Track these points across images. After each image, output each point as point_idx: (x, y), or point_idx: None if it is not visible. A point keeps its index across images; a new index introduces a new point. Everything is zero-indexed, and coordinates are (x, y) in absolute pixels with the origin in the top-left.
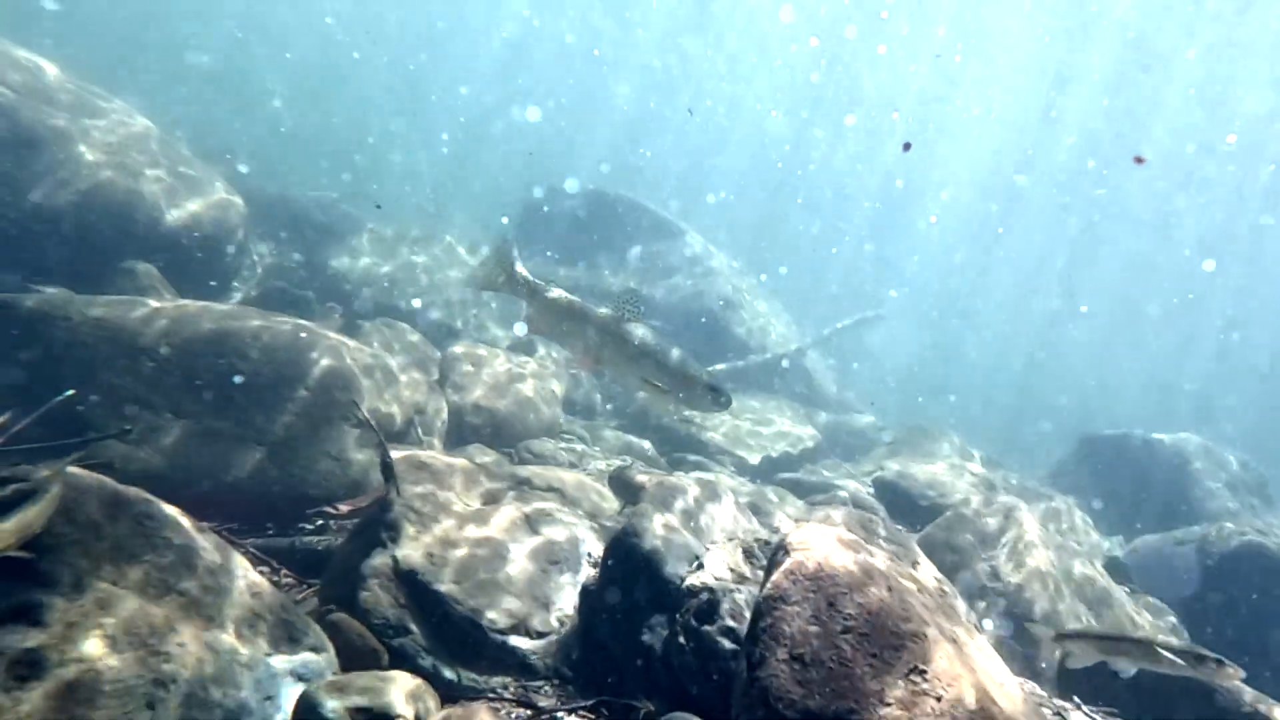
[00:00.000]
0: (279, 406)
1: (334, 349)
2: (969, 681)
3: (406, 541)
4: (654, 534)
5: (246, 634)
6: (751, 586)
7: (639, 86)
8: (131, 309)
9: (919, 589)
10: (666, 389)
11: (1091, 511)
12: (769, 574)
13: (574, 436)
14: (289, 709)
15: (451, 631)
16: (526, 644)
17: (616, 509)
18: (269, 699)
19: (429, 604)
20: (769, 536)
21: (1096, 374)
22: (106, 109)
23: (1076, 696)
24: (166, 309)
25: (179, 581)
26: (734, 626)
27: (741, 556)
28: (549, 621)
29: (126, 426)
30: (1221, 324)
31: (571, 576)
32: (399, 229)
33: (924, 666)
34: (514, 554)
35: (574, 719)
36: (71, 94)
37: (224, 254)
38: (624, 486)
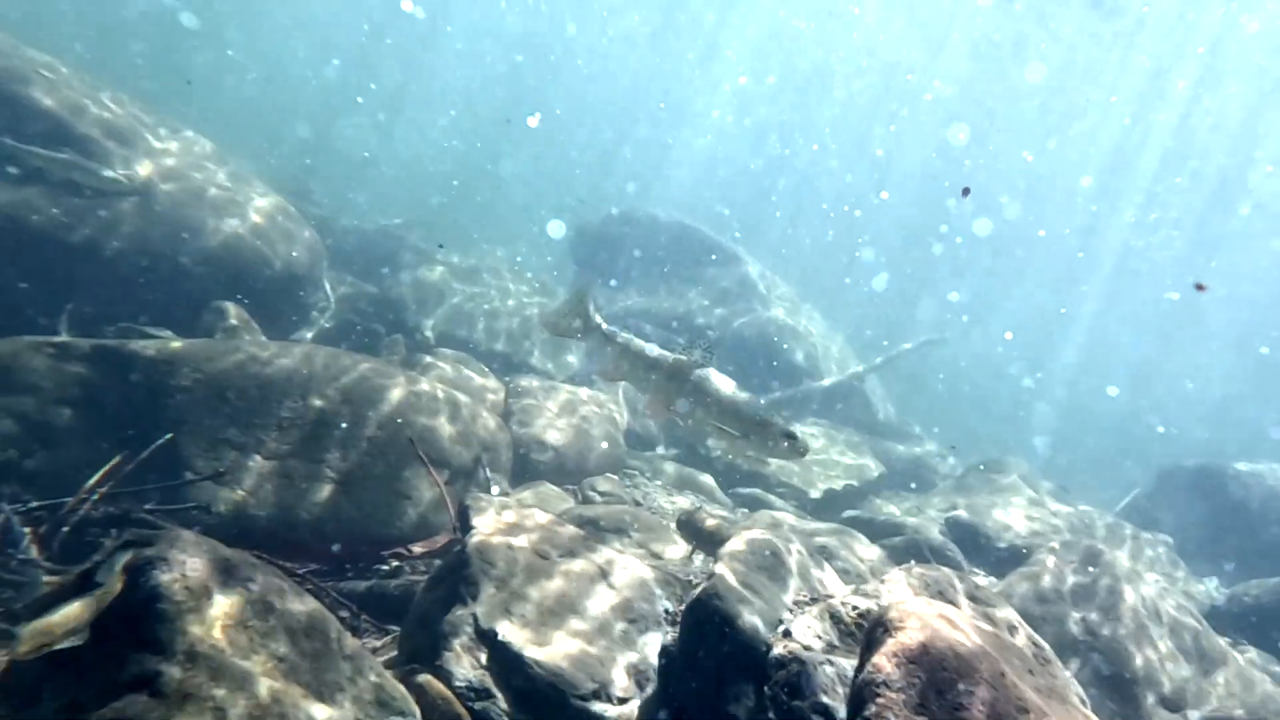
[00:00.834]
0: (354, 445)
1: (406, 387)
2: None
3: (486, 599)
4: (736, 595)
5: (341, 699)
6: (842, 658)
7: (709, 128)
8: (224, 351)
9: (1025, 666)
10: (740, 435)
11: (1180, 551)
12: (868, 652)
13: (636, 471)
14: None
15: (535, 697)
16: (610, 711)
17: (686, 553)
18: None
19: (511, 667)
20: (858, 601)
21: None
22: (201, 152)
23: None
24: (254, 350)
25: (281, 647)
26: (829, 704)
27: (830, 623)
28: (629, 686)
29: (220, 469)
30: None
31: (650, 636)
32: (462, 259)
33: None
34: (592, 611)
35: None
36: (169, 134)
37: (304, 290)
38: (695, 532)
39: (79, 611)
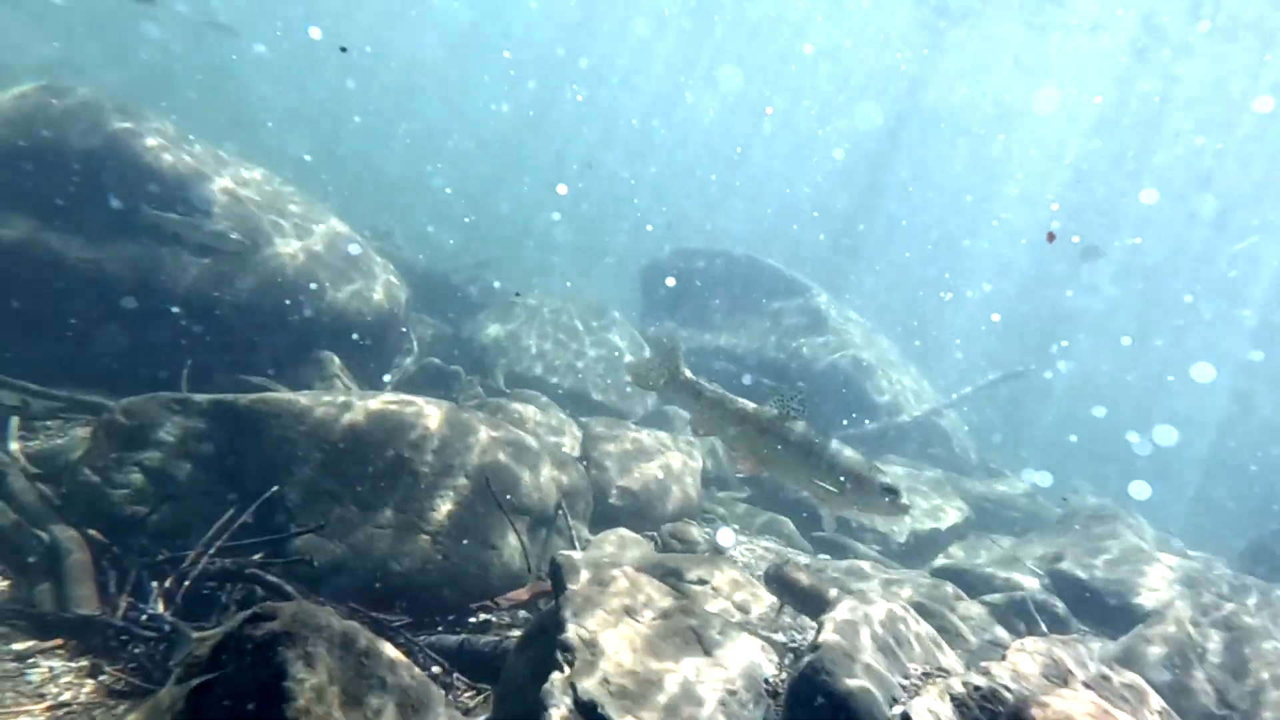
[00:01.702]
0: (441, 495)
1: (489, 434)
2: None
3: (582, 665)
4: (846, 669)
5: None
6: None
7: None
8: (323, 402)
9: None
10: (838, 492)
11: None
12: None
13: (715, 516)
14: None
15: None
16: None
17: (774, 607)
18: None
19: None
20: (981, 682)
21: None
22: (298, 206)
23: None
24: (349, 400)
25: None
26: None
27: (952, 706)
28: None
29: (321, 522)
30: None
31: (751, 711)
32: (536, 300)
33: None
34: (690, 680)
35: None
36: (268, 192)
37: (392, 335)
38: (785, 587)
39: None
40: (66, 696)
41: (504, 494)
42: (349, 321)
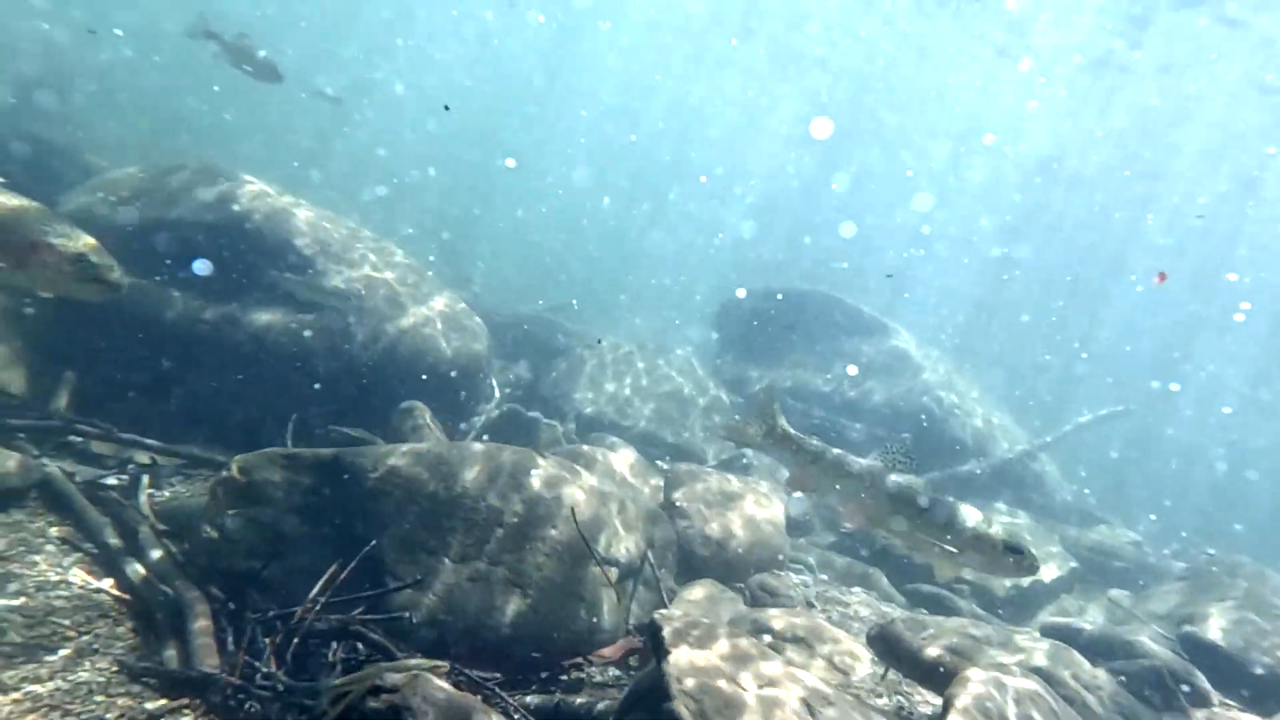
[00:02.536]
0: (531, 547)
1: (576, 484)
2: None
3: None
4: None
5: None
6: None
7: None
8: (415, 454)
9: None
10: (956, 550)
11: None
12: None
13: (802, 565)
14: None
15: None
16: None
17: (878, 672)
18: None
19: None
20: None
21: None
22: (397, 261)
23: None
24: (440, 451)
25: None
26: None
27: None
28: None
29: (418, 576)
30: None
31: None
32: (611, 342)
33: None
34: None
35: None
36: (371, 245)
37: (475, 382)
38: (890, 649)
39: None
40: None
41: (592, 543)
42: (437, 370)
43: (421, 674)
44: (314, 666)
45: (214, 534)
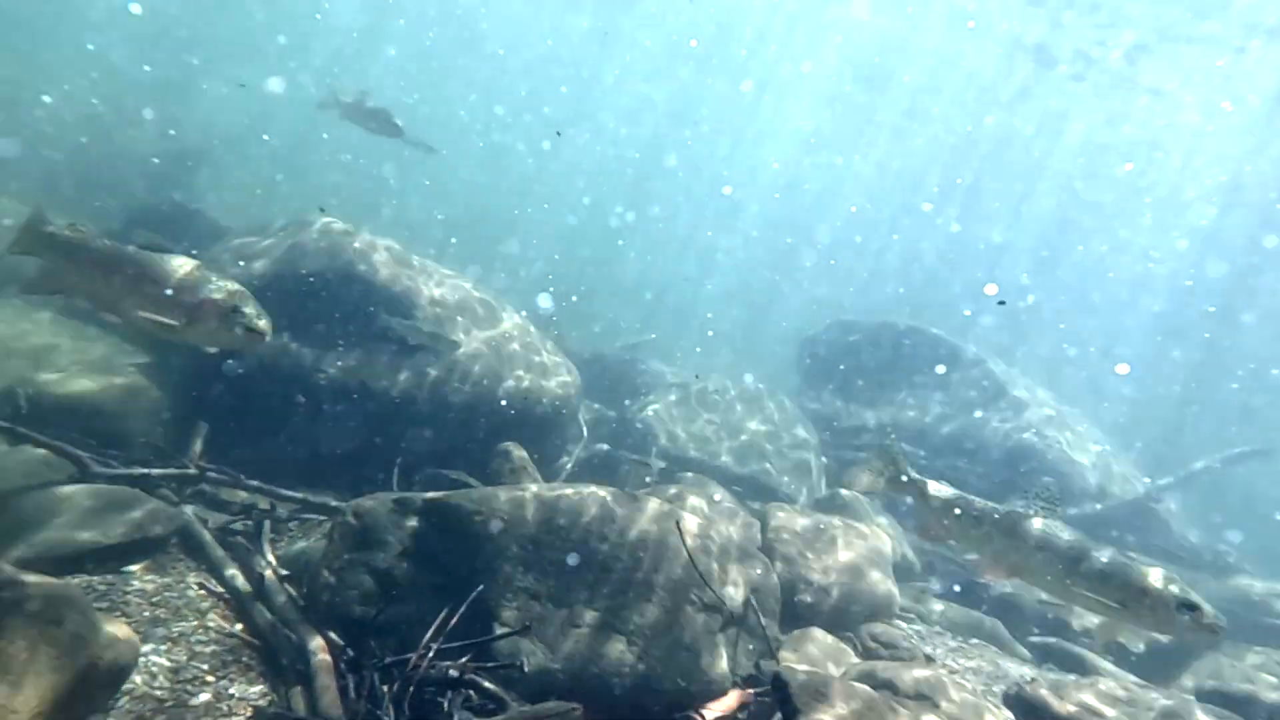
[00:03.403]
0: (635, 593)
1: (677, 525)
2: None
3: None
4: None
5: None
6: None
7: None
8: (516, 497)
9: None
10: (1117, 606)
11: None
12: None
13: (913, 614)
14: None
15: None
16: None
17: None
18: None
19: None
20: None
21: None
22: (502, 317)
23: None
24: (540, 494)
25: None
26: None
27: None
28: None
29: (526, 623)
30: None
31: None
32: (695, 379)
33: None
34: None
35: None
36: (478, 299)
37: (567, 424)
38: (1032, 712)
39: None
40: None
41: (696, 590)
42: (532, 414)
43: None
44: (430, 712)
45: (332, 580)
